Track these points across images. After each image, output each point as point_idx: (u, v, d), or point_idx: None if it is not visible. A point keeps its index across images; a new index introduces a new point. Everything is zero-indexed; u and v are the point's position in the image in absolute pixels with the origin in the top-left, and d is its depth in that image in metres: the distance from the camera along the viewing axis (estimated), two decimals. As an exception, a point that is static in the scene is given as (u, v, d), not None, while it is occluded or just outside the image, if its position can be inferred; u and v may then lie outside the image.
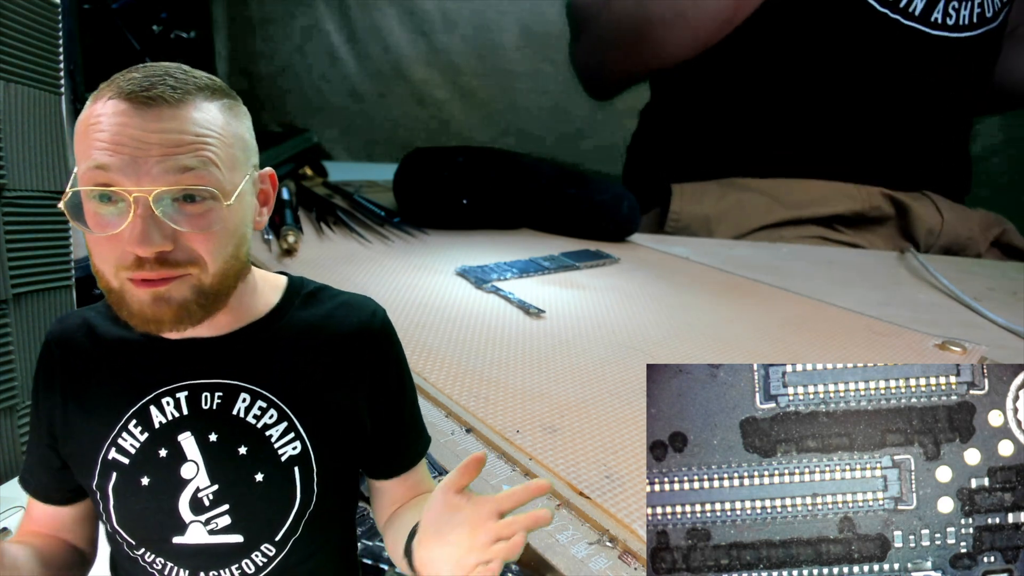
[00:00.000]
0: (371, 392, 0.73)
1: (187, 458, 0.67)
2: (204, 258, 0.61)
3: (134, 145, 0.57)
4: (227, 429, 0.67)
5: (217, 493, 0.66)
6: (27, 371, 1.54)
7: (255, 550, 0.68)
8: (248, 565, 0.68)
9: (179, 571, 0.68)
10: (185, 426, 0.67)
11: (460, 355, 2.26)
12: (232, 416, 0.67)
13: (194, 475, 0.66)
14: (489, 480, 1.62)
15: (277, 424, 0.68)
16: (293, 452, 0.68)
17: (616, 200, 4.26)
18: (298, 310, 0.73)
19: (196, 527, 0.66)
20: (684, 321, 2.77)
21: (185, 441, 0.67)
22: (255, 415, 0.67)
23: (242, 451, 0.67)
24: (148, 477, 0.67)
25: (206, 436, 0.67)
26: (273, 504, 0.68)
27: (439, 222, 4.07)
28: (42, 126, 1.57)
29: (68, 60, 1.80)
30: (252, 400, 0.68)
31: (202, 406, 0.67)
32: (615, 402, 2.00)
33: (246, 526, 0.67)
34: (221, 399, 0.67)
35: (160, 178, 0.57)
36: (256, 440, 0.67)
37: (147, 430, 0.67)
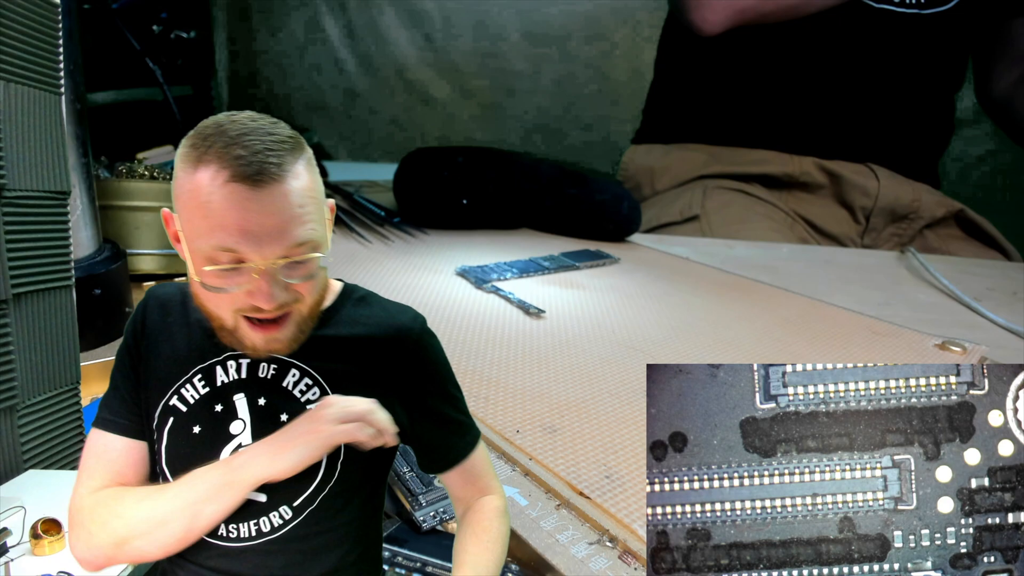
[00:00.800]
0: (406, 389, 0.80)
1: (237, 415, 0.75)
2: (304, 298, 0.71)
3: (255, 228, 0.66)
4: (275, 396, 0.76)
5: None
6: (27, 371, 1.54)
7: (273, 510, 0.74)
8: (265, 523, 0.74)
9: None
10: (241, 388, 0.76)
11: (460, 355, 2.26)
12: (282, 387, 0.76)
13: (241, 431, 0.75)
14: (489, 480, 1.63)
15: (319, 400, 0.75)
16: None
17: (616, 200, 4.26)
18: (350, 310, 0.82)
19: None
20: (684, 321, 2.77)
21: (239, 401, 0.76)
22: (301, 389, 0.76)
23: (284, 418, 0.75)
24: (200, 426, 0.75)
25: (256, 399, 0.76)
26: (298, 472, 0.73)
27: (439, 222, 4.07)
28: (42, 126, 1.57)
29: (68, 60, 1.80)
30: (300, 376, 0.76)
31: (258, 374, 0.76)
32: (615, 402, 2.00)
33: (272, 487, 0.73)
34: (275, 371, 0.76)
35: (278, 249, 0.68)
36: (298, 410, 0.75)
37: (209, 385, 0.76)
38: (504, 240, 3.92)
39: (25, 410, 1.54)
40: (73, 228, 1.69)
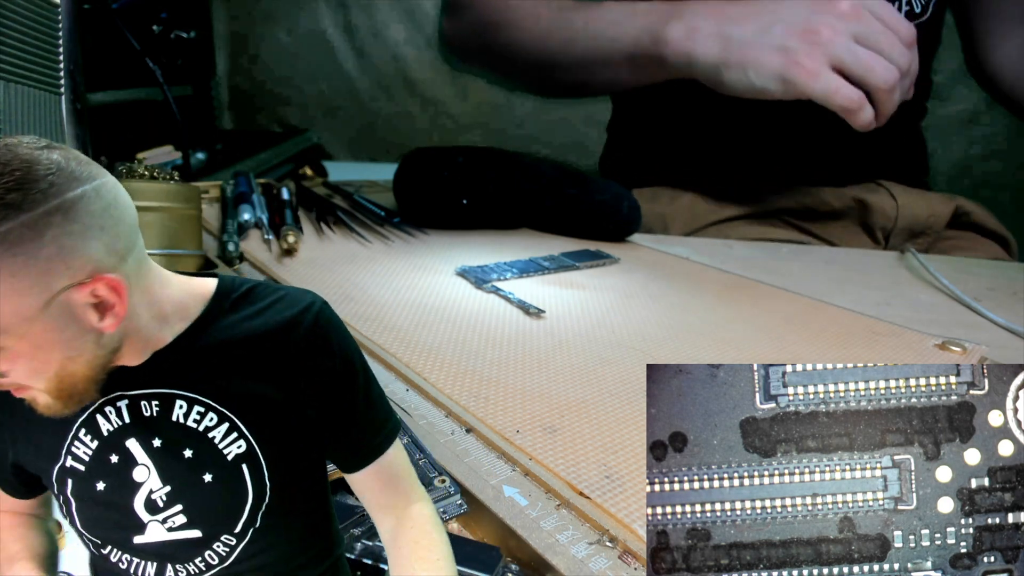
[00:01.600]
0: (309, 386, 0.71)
1: (138, 462, 0.68)
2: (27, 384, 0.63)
3: None
4: (169, 434, 0.68)
5: (170, 494, 0.68)
6: (27, 371, 1.54)
7: (215, 542, 0.69)
8: (211, 556, 0.70)
9: (146, 565, 0.70)
10: (129, 432, 0.68)
11: (460, 355, 2.26)
12: (172, 422, 0.68)
13: (146, 477, 0.68)
14: (489, 480, 1.62)
15: (219, 425, 0.68)
16: (239, 451, 0.69)
17: (616, 200, 4.25)
18: (226, 314, 0.72)
19: (154, 526, 0.68)
20: (684, 321, 2.77)
21: (132, 446, 0.68)
22: (195, 419, 0.68)
23: (187, 454, 0.68)
24: (103, 482, 0.68)
25: (150, 441, 0.68)
26: (226, 501, 0.69)
27: (439, 222, 4.06)
28: (42, 126, 1.57)
29: (68, 60, 1.80)
30: (189, 406, 0.68)
31: (143, 413, 0.68)
32: (615, 402, 2.00)
33: (202, 522, 0.69)
34: (159, 406, 0.68)
35: None
36: (199, 442, 0.68)
37: (96, 438, 0.69)
38: (504, 240, 3.91)
39: (25, 410, 1.54)
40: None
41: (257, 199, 3.38)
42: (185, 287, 0.73)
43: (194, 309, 0.71)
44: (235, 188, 3.52)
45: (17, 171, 0.56)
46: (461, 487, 1.61)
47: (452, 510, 1.52)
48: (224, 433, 0.68)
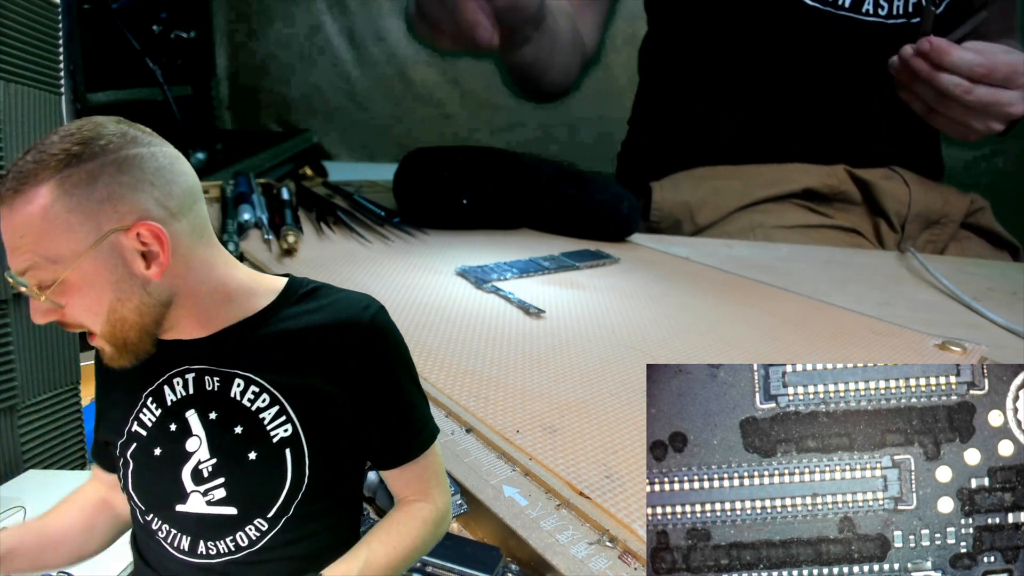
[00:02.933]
0: (358, 383, 0.76)
1: (192, 432, 0.73)
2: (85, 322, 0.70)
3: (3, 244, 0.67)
4: (225, 409, 0.73)
5: (215, 466, 0.73)
6: (27, 371, 1.54)
7: (248, 524, 0.73)
8: (242, 538, 0.73)
9: (181, 538, 0.74)
10: (191, 404, 0.74)
11: (460, 355, 2.26)
12: (230, 398, 0.74)
13: (197, 448, 0.73)
14: (489, 480, 1.63)
15: (270, 407, 0.73)
16: (284, 434, 0.73)
17: (616, 200, 4.26)
18: (292, 307, 0.77)
19: (196, 497, 0.73)
20: (684, 321, 2.77)
21: (191, 417, 0.74)
22: (249, 399, 0.73)
23: (237, 430, 0.73)
24: (160, 448, 0.74)
25: (207, 414, 0.74)
26: (265, 482, 0.73)
27: (439, 222, 4.06)
28: (42, 126, 1.57)
29: (68, 60, 1.80)
30: (246, 385, 0.74)
31: (206, 387, 0.74)
32: (615, 402, 2.00)
33: (240, 500, 0.72)
34: (220, 383, 0.74)
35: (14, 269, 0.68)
36: (250, 421, 0.73)
37: (161, 406, 0.75)
38: (504, 240, 3.92)
39: (25, 410, 1.54)
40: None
41: (257, 199, 3.37)
42: (255, 278, 0.79)
43: (263, 299, 0.78)
44: (235, 188, 3.51)
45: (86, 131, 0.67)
46: (461, 487, 1.61)
47: (452, 510, 1.53)
48: (274, 415, 0.73)
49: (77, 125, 0.68)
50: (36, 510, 1.27)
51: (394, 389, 0.79)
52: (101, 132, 0.67)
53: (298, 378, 0.74)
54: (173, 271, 0.70)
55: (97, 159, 0.66)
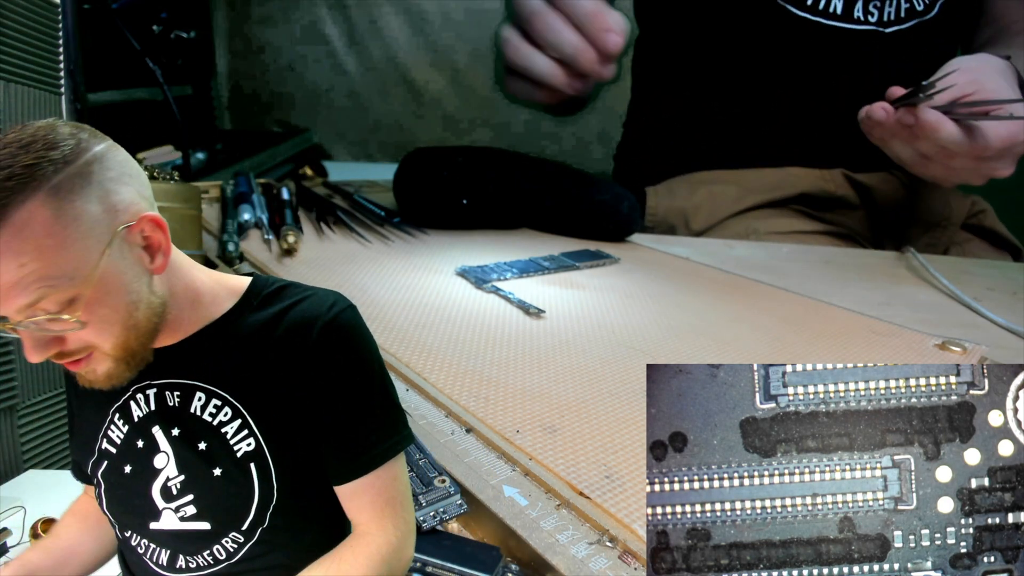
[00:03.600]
0: (319, 387, 0.71)
1: (160, 449, 0.72)
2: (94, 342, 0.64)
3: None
4: (187, 425, 0.71)
5: (183, 483, 0.71)
6: (27, 371, 1.54)
7: (223, 537, 0.71)
8: (220, 551, 0.71)
9: (160, 552, 0.73)
10: (155, 420, 0.72)
11: (460, 355, 2.26)
12: (190, 413, 0.71)
13: (165, 464, 0.71)
14: (489, 480, 1.62)
15: (232, 421, 0.71)
16: (248, 448, 0.70)
17: (616, 200, 4.26)
18: (254, 311, 0.73)
19: (168, 513, 0.71)
20: (684, 321, 2.77)
21: (157, 433, 0.72)
22: (211, 413, 0.71)
23: (201, 446, 0.71)
24: (129, 465, 0.73)
25: (171, 430, 0.72)
26: (233, 497, 0.71)
27: (439, 222, 4.06)
28: (42, 126, 1.57)
29: (68, 60, 1.80)
30: (207, 399, 0.71)
31: (167, 403, 0.72)
32: (615, 402, 2.00)
33: (211, 515, 0.71)
34: (180, 397, 0.72)
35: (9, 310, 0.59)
36: (213, 436, 0.71)
37: (127, 423, 0.73)
38: (504, 240, 3.92)
39: (25, 410, 1.54)
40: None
41: (257, 199, 3.37)
42: (219, 280, 0.75)
43: (226, 303, 0.73)
44: (235, 188, 3.51)
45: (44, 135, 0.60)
46: (461, 487, 1.61)
47: (452, 510, 1.52)
48: (236, 429, 0.70)
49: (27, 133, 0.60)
50: (36, 510, 1.27)
51: (347, 393, 0.72)
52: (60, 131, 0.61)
53: (259, 388, 0.70)
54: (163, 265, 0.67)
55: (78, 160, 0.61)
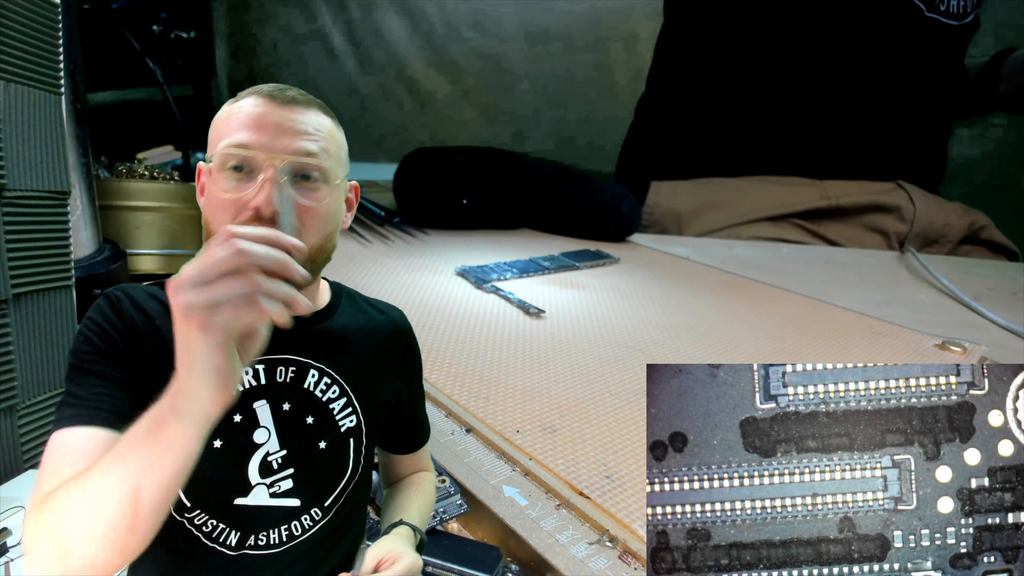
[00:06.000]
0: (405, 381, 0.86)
1: (260, 424, 0.73)
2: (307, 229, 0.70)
3: (272, 127, 0.69)
4: (299, 399, 0.75)
5: (285, 458, 0.73)
6: (27, 371, 1.54)
7: (306, 514, 0.75)
8: (296, 527, 0.74)
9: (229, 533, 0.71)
10: (262, 394, 0.74)
11: (460, 355, 2.26)
12: (304, 388, 0.76)
13: (265, 440, 0.73)
14: (489, 480, 1.62)
15: (339, 399, 0.77)
16: (350, 424, 0.77)
17: (616, 200, 4.26)
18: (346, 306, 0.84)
19: (260, 489, 0.72)
20: (684, 321, 2.77)
21: (260, 408, 0.73)
22: (321, 389, 0.76)
23: (309, 420, 0.75)
24: (220, 440, 0.71)
25: (280, 405, 0.74)
26: (330, 471, 0.76)
27: (439, 222, 4.06)
28: (42, 126, 1.57)
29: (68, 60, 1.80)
30: (319, 376, 0.76)
31: (277, 378, 0.75)
32: (615, 402, 2.00)
33: (305, 490, 0.74)
34: (294, 373, 0.76)
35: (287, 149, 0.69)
36: (321, 411, 0.76)
37: None
38: (504, 240, 3.91)
39: (25, 410, 1.54)
40: (73, 228, 1.69)
41: (257, 199, 3.36)
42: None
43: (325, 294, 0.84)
44: (235, 188, 3.50)
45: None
46: (461, 487, 1.61)
47: (452, 510, 1.52)
48: (342, 407, 0.77)
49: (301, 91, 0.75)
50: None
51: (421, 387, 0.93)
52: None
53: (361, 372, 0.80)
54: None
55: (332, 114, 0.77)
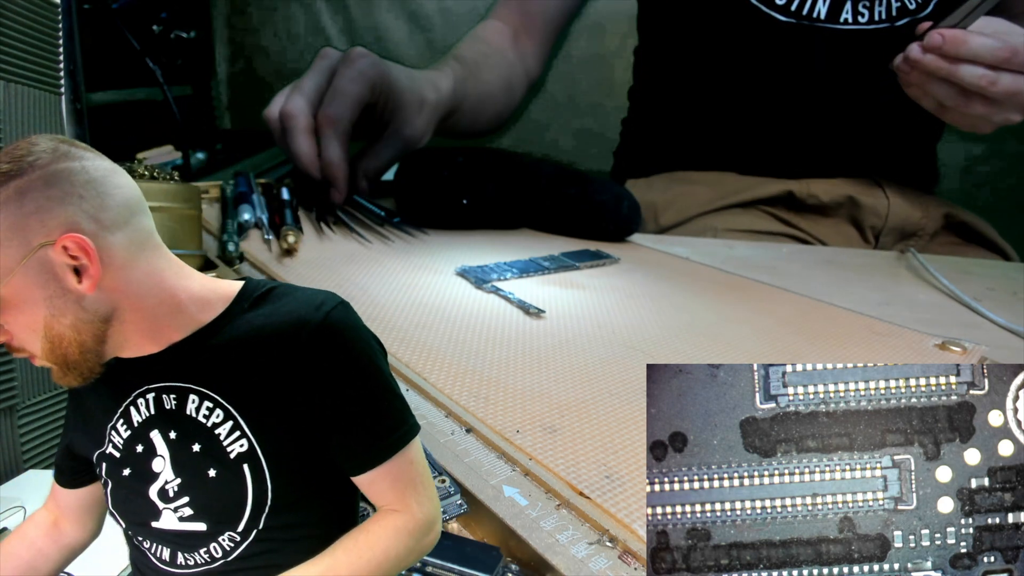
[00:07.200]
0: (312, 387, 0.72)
1: (157, 453, 0.74)
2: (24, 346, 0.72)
3: None
4: (183, 427, 0.73)
5: (180, 485, 0.73)
6: (27, 371, 1.54)
7: (220, 536, 0.73)
8: (216, 549, 0.73)
9: (162, 550, 0.75)
10: (154, 424, 0.74)
11: (460, 355, 2.26)
12: (186, 415, 0.73)
13: (162, 468, 0.74)
14: (489, 480, 1.62)
15: (224, 423, 0.72)
16: (241, 449, 0.71)
17: (616, 200, 4.25)
18: (244, 313, 0.74)
19: (168, 514, 0.73)
20: (684, 321, 2.77)
21: (155, 437, 0.74)
22: (204, 414, 0.72)
23: (195, 448, 0.72)
24: (129, 468, 0.75)
25: (167, 433, 0.74)
26: (227, 498, 0.72)
27: (439, 222, 4.06)
28: (42, 126, 1.57)
29: (68, 60, 1.80)
30: (200, 401, 0.73)
31: (164, 406, 0.74)
32: (615, 402, 1.99)
33: (207, 516, 0.72)
34: (176, 400, 0.74)
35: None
36: (207, 438, 0.72)
37: (129, 428, 0.75)
38: (504, 240, 3.91)
39: (25, 410, 1.54)
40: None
41: (257, 199, 3.37)
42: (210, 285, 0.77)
43: (217, 307, 0.75)
44: (235, 188, 3.51)
45: (18, 150, 0.67)
46: (461, 487, 1.60)
47: (452, 510, 1.52)
48: (229, 430, 0.72)
49: (13, 145, 0.68)
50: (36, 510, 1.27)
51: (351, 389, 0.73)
52: (31, 149, 0.67)
53: (249, 389, 0.72)
54: (110, 285, 0.69)
55: (25, 175, 0.66)
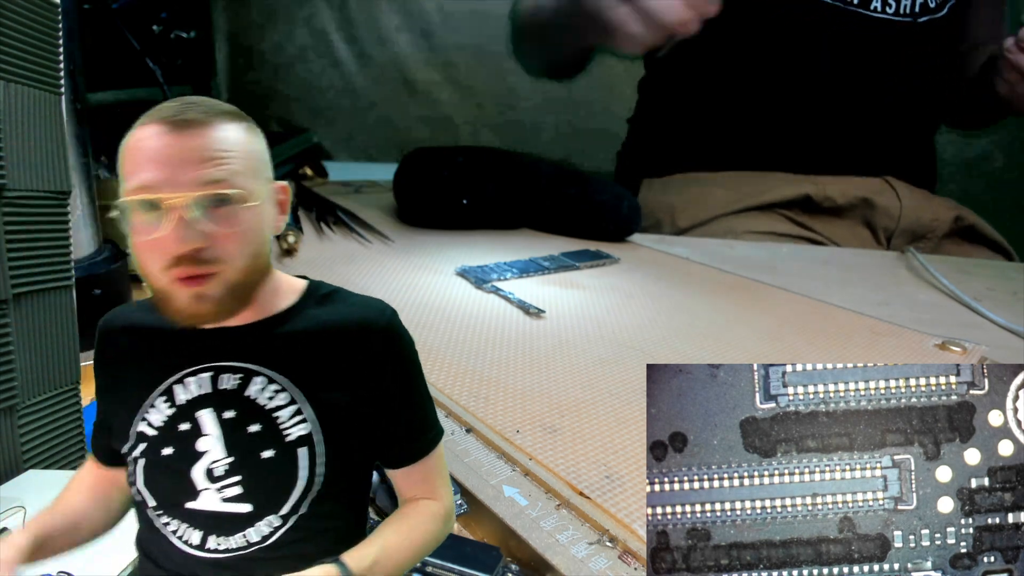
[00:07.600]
0: (374, 384, 0.78)
1: (203, 432, 0.74)
2: (232, 255, 0.70)
3: (171, 161, 0.67)
4: (241, 408, 0.75)
5: (232, 465, 0.74)
6: (27, 371, 1.54)
7: (260, 520, 0.74)
8: (252, 534, 0.74)
9: (191, 533, 0.74)
10: (206, 403, 0.75)
11: (460, 355, 2.26)
12: (246, 397, 0.75)
13: (209, 447, 0.74)
14: (489, 480, 1.63)
15: (287, 407, 0.75)
16: (301, 433, 0.74)
17: (616, 200, 4.26)
18: (312, 308, 0.80)
19: (208, 494, 0.74)
20: (684, 321, 2.77)
21: (203, 417, 0.75)
22: (267, 397, 0.75)
23: (253, 429, 0.74)
24: (170, 447, 0.75)
25: (222, 413, 0.75)
26: (279, 480, 0.74)
27: (439, 222, 4.06)
28: (42, 126, 1.57)
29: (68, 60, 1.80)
30: (266, 383, 0.75)
31: (220, 386, 0.75)
32: (615, 402, 2.00)
33: (255, 497, 0.73)
34: (239, 381, 0.75)
35: (193, 187, 0.67)
36: (266, 420, 0.74)
37: (173, 406, 0.76)
38: (504, 240, 3.92)
39: (25, 410, 1.54)
40: (73, 228, 1.69)
41: (257, 199, 3.37)
42: (283, 276, 0.83)
43: (290, 297, 0.81)
44: (235, 188, 3.51)
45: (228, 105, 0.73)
46: (461, 487, 1.61)
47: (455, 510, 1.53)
48: (290, 415, 0.75)
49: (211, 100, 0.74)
50: (36, 510, 1.27)
51: (406, 391, 0.82)
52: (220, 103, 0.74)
53: (319, 377, 0.76)
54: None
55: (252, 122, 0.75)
